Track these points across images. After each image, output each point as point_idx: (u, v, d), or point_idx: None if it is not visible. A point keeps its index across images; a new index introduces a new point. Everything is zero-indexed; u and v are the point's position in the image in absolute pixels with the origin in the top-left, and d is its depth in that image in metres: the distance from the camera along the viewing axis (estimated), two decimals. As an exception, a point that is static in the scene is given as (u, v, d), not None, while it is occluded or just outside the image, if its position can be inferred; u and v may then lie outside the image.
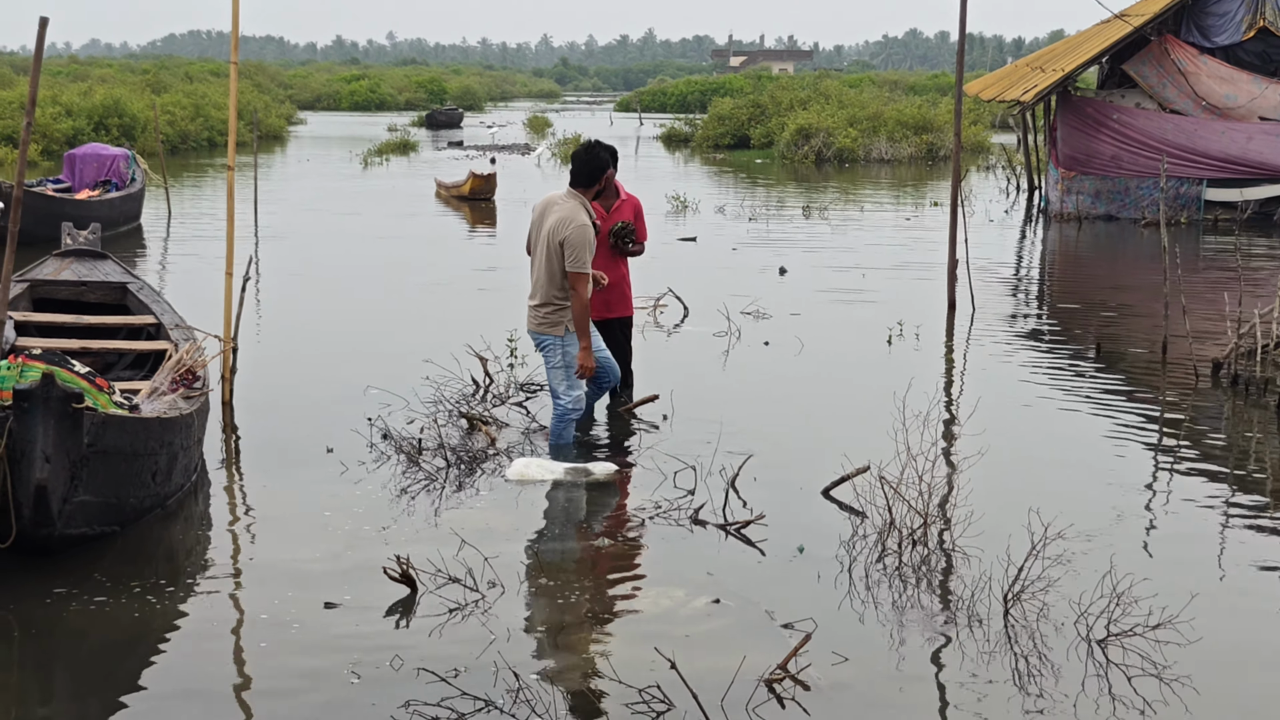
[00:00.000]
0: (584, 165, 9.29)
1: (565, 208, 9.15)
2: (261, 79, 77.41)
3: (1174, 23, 25.25)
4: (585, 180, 9.29)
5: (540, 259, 9.18)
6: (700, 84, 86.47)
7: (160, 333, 10.48)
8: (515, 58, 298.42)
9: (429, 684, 5.75)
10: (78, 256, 11.95)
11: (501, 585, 6.90)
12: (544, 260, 9.14)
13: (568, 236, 9.00)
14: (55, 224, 12.73)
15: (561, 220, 9.07)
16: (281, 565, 7.23)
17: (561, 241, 9.01)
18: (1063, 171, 25.56)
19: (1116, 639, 6.32)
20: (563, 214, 9.11)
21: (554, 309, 9.18)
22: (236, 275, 10.37)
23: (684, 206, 26.00)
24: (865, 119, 43.66)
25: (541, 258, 9.16)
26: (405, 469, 8.84)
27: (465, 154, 44.22)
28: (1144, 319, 14.80)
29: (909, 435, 8.03)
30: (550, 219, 9.14)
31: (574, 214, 9.09)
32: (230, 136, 10.43)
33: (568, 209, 9.13)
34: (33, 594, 6.73)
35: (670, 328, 14.06)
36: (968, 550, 7.41)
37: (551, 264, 9.10)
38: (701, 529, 7.85)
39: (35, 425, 6.68)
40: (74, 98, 41.05)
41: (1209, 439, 10.27)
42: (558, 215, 9.11)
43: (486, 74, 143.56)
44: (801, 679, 5.90)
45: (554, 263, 9.09)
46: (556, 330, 9.20)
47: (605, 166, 9.35)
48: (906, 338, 13.56)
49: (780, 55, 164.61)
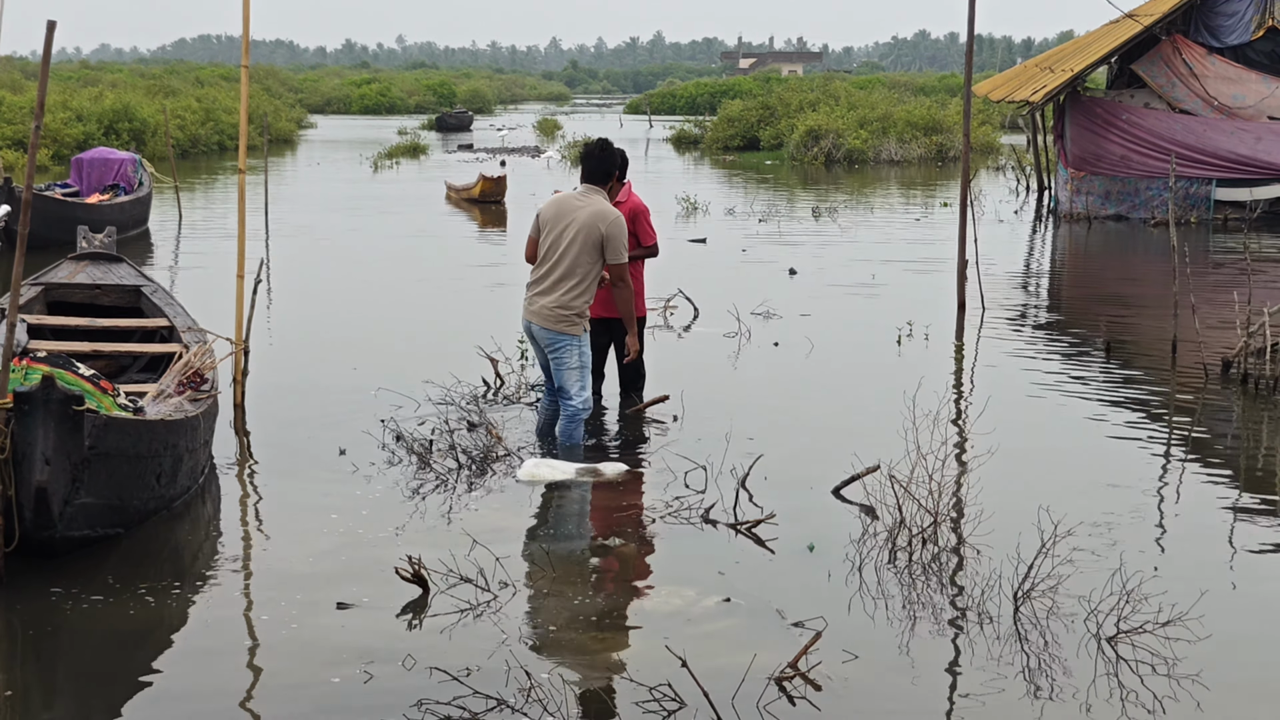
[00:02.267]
0: (599, 164, 9.17)
1: (595, 203, 9.01)
2: (272, 83, 77.63)
3: (1183, 22, 25.24)
4: (601, 178, 9.17)
5: (567, 256, 8.94)
6: (709, 86, 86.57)
7: (173, 335, 10.51)
8: (525, 61, 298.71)
9: (441, 683, 5.76)
10: (93, 260, 12.01)
11: (513, 585, 6.92)
12: (573, 256, 8.93)
13: (612, 231, 8.88)
14: (67, 228, 12.82)
15: (598, 214, 8.91)
16: (293, 566, 7.25)
17: (606, 236, 8.87)
18: (1072, 172, 25.55)
19: (1127, 636, 6.32)
20: (597, 208, 8.95)
21: (574, 309, 9.04)
22: (248, 278, 10.40)
23: (694, 208, 26.01)
24: (875, 120, 43.64)
25: (570, 254, 8.93)
26: (416, 470, 8.87)
27: (475, 157, 44.29)
28: (1153, 318, 14.79)
29: (919, 434, 8.04)
30: (581, 215, 8.94)
31: (607, 208, 8.97)
32: (241, 140, 10.47)
33: (597, 204, 8.99)
34: (36, 596, 6.75)
35: (681, 329, 14.08)
36: (978, 548, 7.42)
37: (582, 259, 8.93)
38: (712, 528, 7.86)
39: (35, 427, 6.70)
40: (84, 102, 41.11)
41: (1219, 437, 10.27)
42: (592, 210, 8.94)
43: (496, 77, 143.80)
44: (812, 677, 5.91)
45: (585, 257, 8.92)
46: (575, 330, 9.08)
47: (618, 165, 9.32)
48: (916, 337, 13.57)
49: (789, 57, 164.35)
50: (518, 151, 46.57)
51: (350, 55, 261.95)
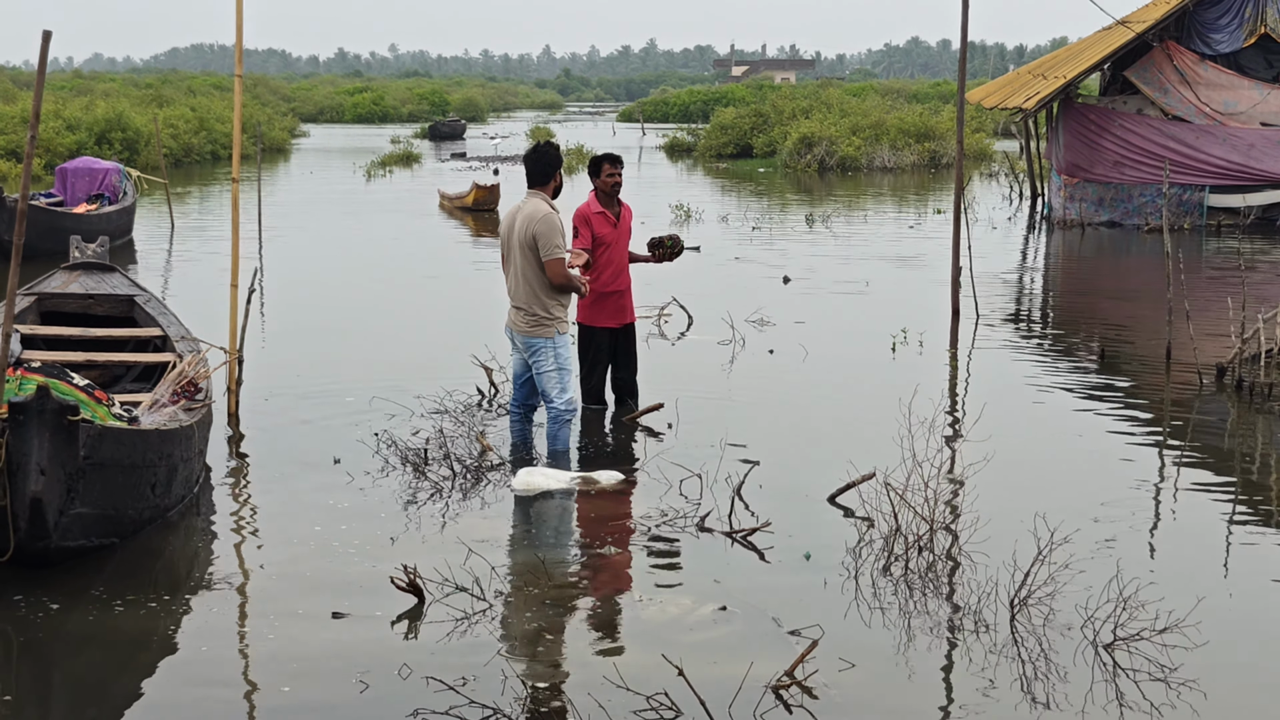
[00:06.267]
0: (535, 165, 9.39)
1: (527, 206, 9.26)
2: (264, 92, 77.56)
3: (1176, 29, 25.28)
4: (540, 179, 9.37)
5: (516, 263, 9.23)
6: (702, 94, 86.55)
7: (167, 345, 10.49)
8: (517, 69, 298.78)
9: (437, 693, 5.75)
10: (85, 269, 11.99)
11: (508, 594, 6.91)
12: (520, 262, 9.19)
13: (537, 229, 9.08)
14: (57, 238, 12.77)
15: (528, 217, 9.17)
16: (288, 575, 7.24)
17: (534, 235, 9.08)
18: (1065, 178, 25.59)
19: (1123, 643, 6.32)
20: (527, 212, 9.22)
21: (541, 313, 9.21)
22: (241, 287, 10.39)
23: (687, 216, 26.02)
24: (868, 127, 43.68)
25: (518, 261, 9.21)
26: (412, 479, 8.86)
27: (468, 165, 44.28)
28: (1148, 325, 14.81)
29: (914, 442, 8.04)
30: (518, 221, 9.24)
31: (536, 208, 9.19)
32: (234, 149, 10.46)
33: (529, 207, 9.24)
34: (31, 606, 6.73)
35: (675, 337, 14.07)
36: (974, 556, 7.42)
37: (528, 263, 9.16)
38: (708, 537, 7.85)
39: (30, 438, 6.69)
40: (77, 112, 41.05)
41: (1213, 444, 10.27)
42: (523, 214, 9.22)
43: (489, 85, 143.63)
44: (808, 686, 5.90)
45: (530, 260, 9.15)
46: (547, 332, 9.23)
47: (555, 164, 9.41)
48: (910, 345, 13.57)
49: (782, 64, 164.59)
50: (511, 160, 46.55)
51: (343, 64, 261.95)
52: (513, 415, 9.75)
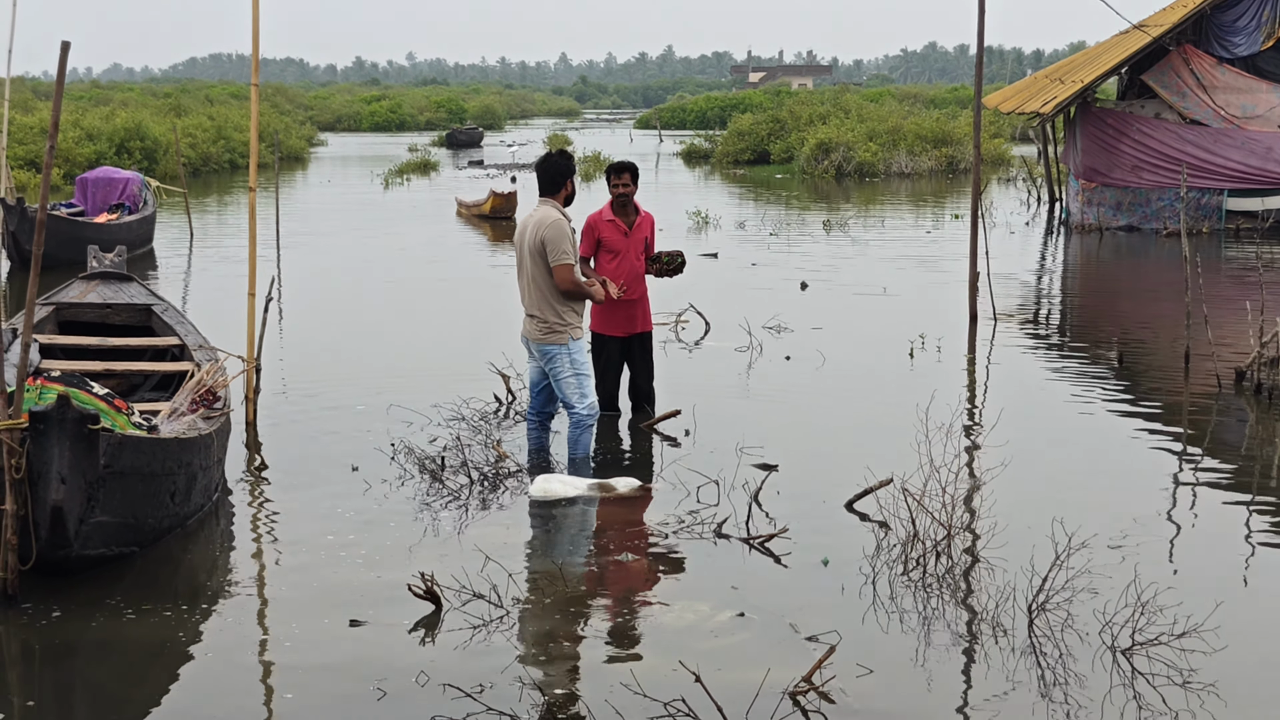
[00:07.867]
0: (545, 175, 9.47)
1: (538, 214, 9.33)
2: (282, 101, 77.78)
3: (1193, 33, 25.20)
4: (550, 189, 9.44)
5: (528, 270, 9.28)
6: (719, 100, 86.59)
7: (184, 354, 10.53)
8: (534, 76, 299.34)
9: (454, 700, 5.76)
10: (103, 279, 12.04)
11: (526, 601, 6.92)
12: (531, 269, 9.25)
13: (546, 235, 9.15)
14: (76, 248, 12.83)
15: (538, 224, 9.24)
16: (306, 583, 7.26)
17: (542, 241, 9.15)
18: (1083, 183, 25.53)
19: (1142, 648, 6.30)
20: (537, 219, 9.28)
21: (554, 319, 9.24)
22: (259, 296, 10.42)
23: (705, 222, 26.03)
24: (885, 133, 43.67)
25: (529, 268, 9.27)
26: (429, 486, 8.87)
27: (486, 173, 44.38)
28: (1166, 328, 14.77)
29: (932, 447, 8.03)
30: (528, 229, 9.31)
31: (546, 215, 9.26)
32: (252, 158, 10.50)
33: (540, 214, 9.31)
34: (52, 614, 6.76)
35: (692, 343, 14.08)
36: (992, 561, 7.41)
37: (539, 270, 9.21)
38: (725, 543, 7.85)
39: (51, 447, 6.72)
40: (96, 122, 41.26)
41: (1232, 448, 10.24)
42: (534, 222, 9.29)
43: (506, 93, 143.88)
44: (826, 691, 5.90)
45: (541, 267, 9.20)
46: (560, 339, 9.26)
47: (565, 173, 9.46)
48: (928, 350, 13.56)
49: (799, 70, 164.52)
50: (528, 167, 46.62)
51: (360, 73, 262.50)
52: (530, 423, 9.77)
